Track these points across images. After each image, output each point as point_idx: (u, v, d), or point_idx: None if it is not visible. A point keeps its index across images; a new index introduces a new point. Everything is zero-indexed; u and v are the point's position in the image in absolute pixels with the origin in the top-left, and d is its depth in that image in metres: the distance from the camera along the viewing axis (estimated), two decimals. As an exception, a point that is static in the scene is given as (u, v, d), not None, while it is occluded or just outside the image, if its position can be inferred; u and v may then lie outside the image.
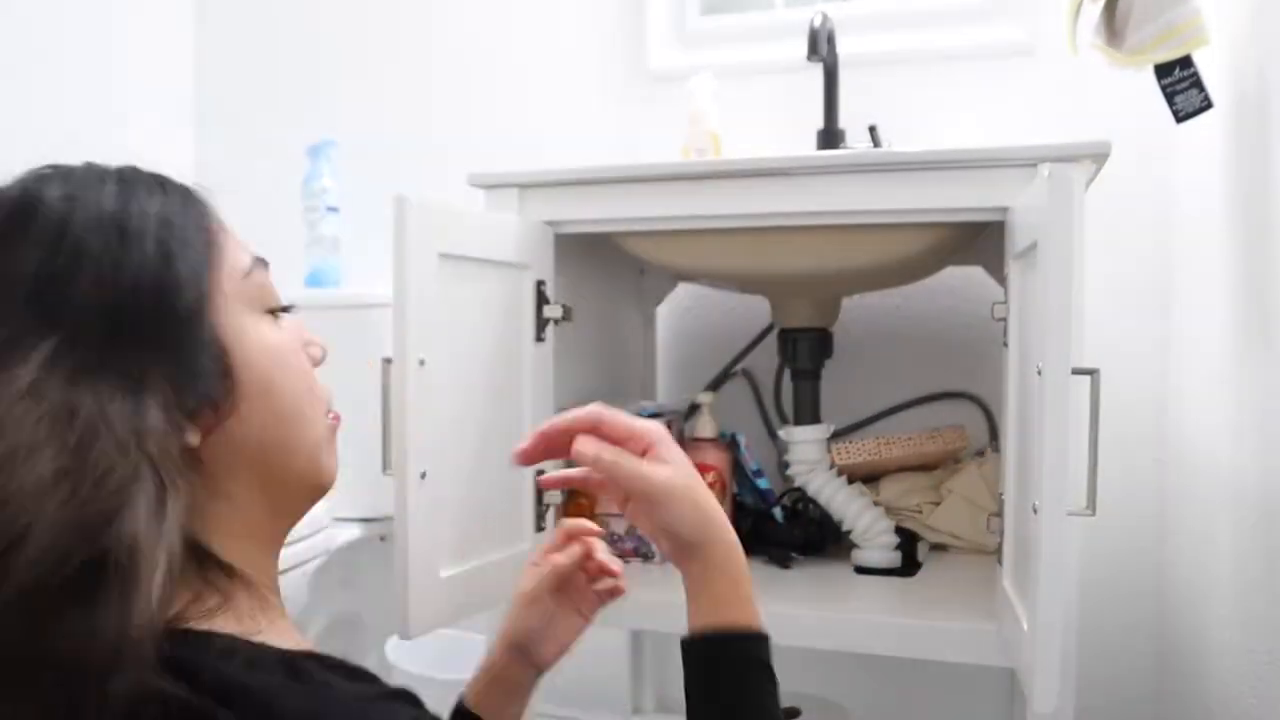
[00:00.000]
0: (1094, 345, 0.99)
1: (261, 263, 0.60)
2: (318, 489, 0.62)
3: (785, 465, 1.35)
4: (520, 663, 0.82)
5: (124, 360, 0.50)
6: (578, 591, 0.82)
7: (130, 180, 0.55)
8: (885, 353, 1.54)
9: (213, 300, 0.54)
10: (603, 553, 0.81)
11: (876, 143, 1.36)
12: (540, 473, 1.15)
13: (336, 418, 0.64)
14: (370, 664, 0.63)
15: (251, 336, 0.56)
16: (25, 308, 0.49)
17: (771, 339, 1.45)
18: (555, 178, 1.16)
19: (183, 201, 0.56)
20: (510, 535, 1.12)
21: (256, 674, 0.49)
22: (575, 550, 0.81)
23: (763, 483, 1.40)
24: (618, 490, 0.65)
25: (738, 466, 1.39)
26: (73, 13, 1.88)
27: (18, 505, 0.45)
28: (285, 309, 0.61)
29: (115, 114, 1.86)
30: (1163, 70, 1.07)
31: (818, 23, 1.25)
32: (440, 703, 0.66)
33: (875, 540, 1.27)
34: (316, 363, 0.62)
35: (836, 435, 1.42)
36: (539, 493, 1.16)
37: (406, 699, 0.53)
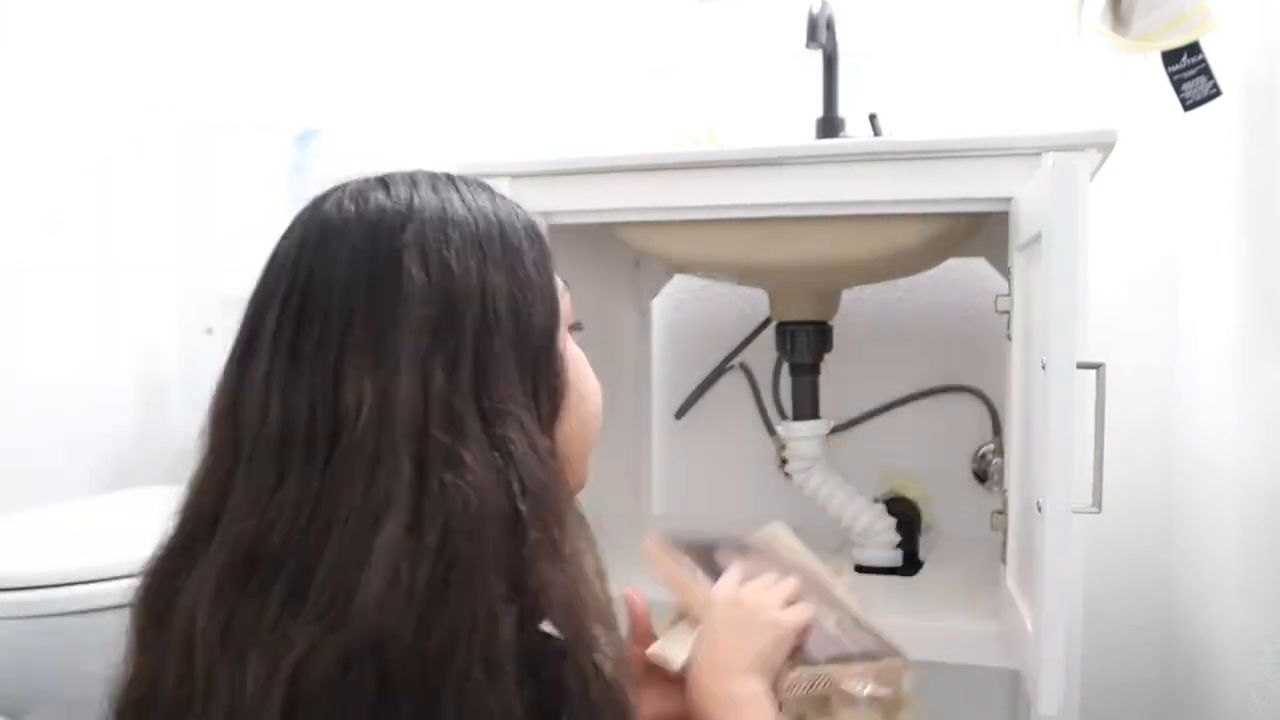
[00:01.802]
0: (1100, 339, 0.98)
1: (566, 285, 0.67)
2: (576, 490, 0.65)
3: (783, 461, 1.34)
4: None
5: None
6: None
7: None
8: (886, 346, 1.53)
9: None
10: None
11: (877, 131, 1.36)
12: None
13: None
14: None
15: (571, 351, 0.65)
16: None
17: (769, 332, 1.44)
18: (548, 167, 1.14)
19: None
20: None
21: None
22: None
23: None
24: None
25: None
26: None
27: None
28: (578, 326, 0.69)
29: (97, 99, 1.84)
30: (1170, 57, 1.07)
31: (816, 9, 1.23)
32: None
33: (876, 539, 1.26)
34: None
35: (836, 430, 1.41)
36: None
37: None
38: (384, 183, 0.61)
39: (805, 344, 1.30)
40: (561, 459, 0.60)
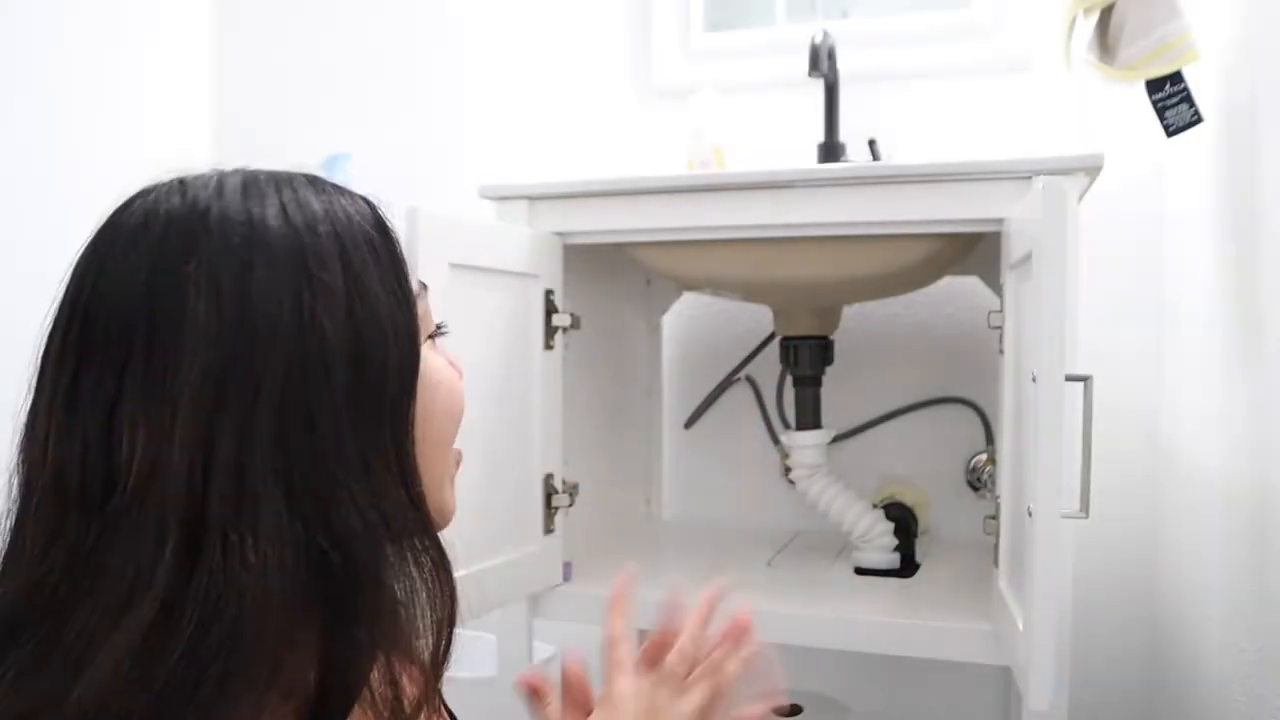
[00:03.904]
0: (1088, 353, 1.01)
1: (423, 286, 0.56)
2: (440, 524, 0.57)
3: (787, 469, 1.37)
4: None
5: None
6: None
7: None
8: (885, 359, 1.56)
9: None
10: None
11: (876, 156, 1.38)
12: (550, 476, 1.18)
13: (458, 454, 0.60)
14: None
15: (426, 365, 0.54)
16: None
17: (774, 346, 1.46)
18: (564, 189, 1.18)
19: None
20: (520, 537, 1.15)
21: None
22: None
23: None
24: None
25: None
26: (88, 23, 1.91)
27: None
28: (439, 331, 0.59)
29: (132, 127, 1.88)
30: (1154, 85, 1.08)
31: (818, 40, 1.26)
32: (454, 701, 0.66)
33: (875, 542, 1.29)
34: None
35: (837, 439, 1.44)
36: (548, 497, 1.18)
37: None
38: (183, 186, 0.49)
39: (808, 357, 1.33)
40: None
